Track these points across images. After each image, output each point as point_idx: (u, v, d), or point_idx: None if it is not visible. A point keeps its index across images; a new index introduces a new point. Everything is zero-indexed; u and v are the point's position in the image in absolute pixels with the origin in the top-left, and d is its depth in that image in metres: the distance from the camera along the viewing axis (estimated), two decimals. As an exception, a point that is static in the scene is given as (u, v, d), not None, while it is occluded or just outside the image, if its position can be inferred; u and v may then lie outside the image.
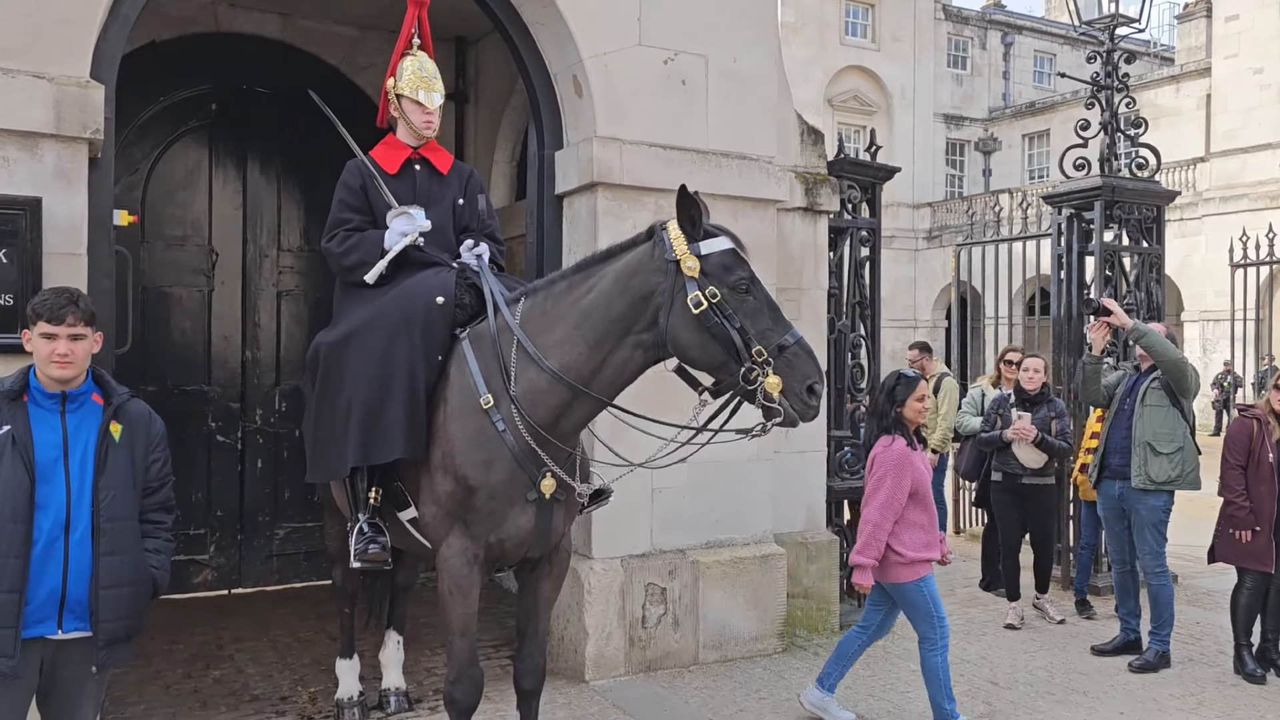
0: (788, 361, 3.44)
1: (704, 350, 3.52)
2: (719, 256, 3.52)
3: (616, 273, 3.69)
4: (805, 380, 3.44)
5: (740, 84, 5.98)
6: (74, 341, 3.15)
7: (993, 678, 5.78)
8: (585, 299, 3.72)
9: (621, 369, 3.71)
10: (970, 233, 10.42)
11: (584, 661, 5.49)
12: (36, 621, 3.07)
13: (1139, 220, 8.21)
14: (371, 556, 3.96)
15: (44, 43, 4.27)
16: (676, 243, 3.54)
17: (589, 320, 3.68)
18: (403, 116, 4.49)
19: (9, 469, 3.06)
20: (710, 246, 3.53)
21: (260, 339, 7.42)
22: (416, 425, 3.85)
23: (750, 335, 3.45)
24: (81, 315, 3.18)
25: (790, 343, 3.46)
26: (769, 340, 3.45)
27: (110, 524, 3.15)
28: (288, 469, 7.38)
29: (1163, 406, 5.97)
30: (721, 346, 3.48)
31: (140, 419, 3.33)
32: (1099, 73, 8.39)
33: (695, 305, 3.47)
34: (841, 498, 6.82)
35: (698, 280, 3.49)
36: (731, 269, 3.51)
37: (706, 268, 3.50)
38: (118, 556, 3.15)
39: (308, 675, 5.53)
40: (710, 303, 3.47)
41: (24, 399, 3.16)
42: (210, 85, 7.21)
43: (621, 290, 3.65)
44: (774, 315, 3.52)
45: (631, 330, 3.64)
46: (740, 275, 3.51)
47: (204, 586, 7.19)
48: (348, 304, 4.35)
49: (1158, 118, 26.17)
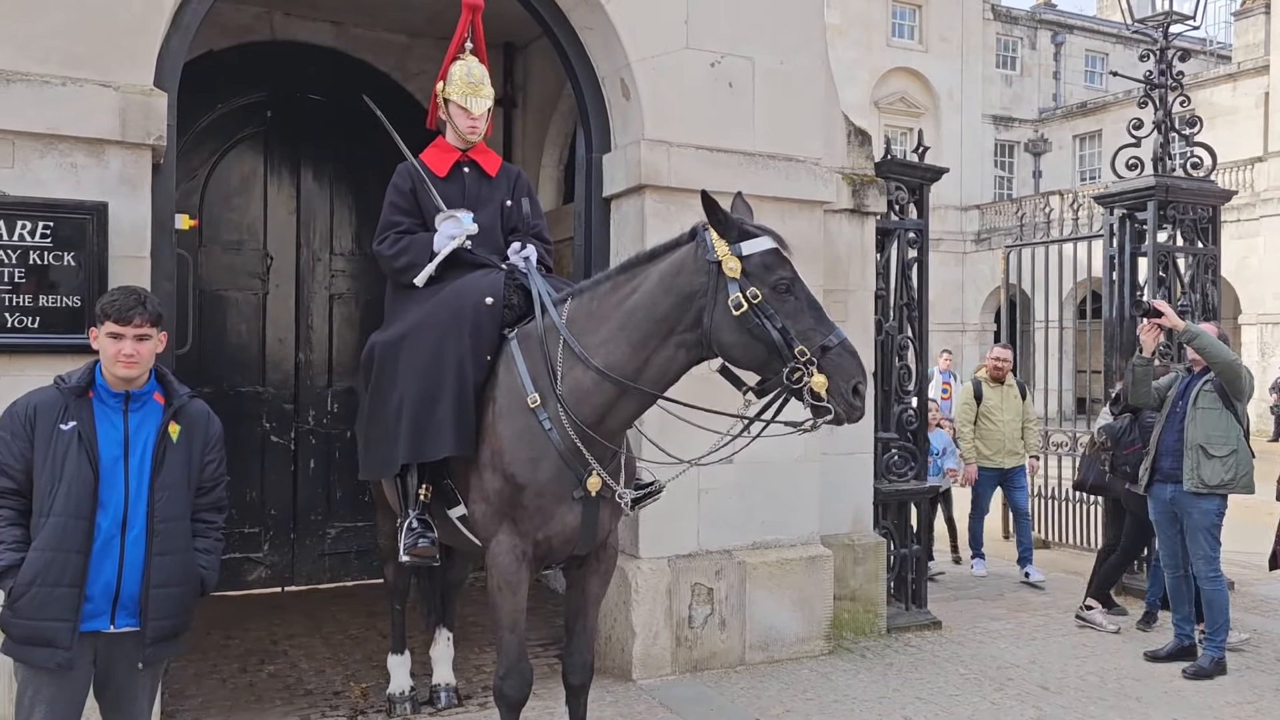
0: (832, 361, 3.42)
1: (747, 350, 3.53)
2: (760, 256, 3.52)
3: (660, 273, 3.72)
4: (850, 380, 3.42)
5: (787, 86, 5.99)
6: (140, 342, 3.19)
7: (1043, 682, 5.73)
8: (630, 299, 3.76)
9: (665, 368, 3.73)
10: (1020, 234, 10.31)
11: (631, 660, 5.53)
12: (91, 616, 3.11)
13: (1194, 220, 8.08)
14: (420, 551, 4.03)
15: (109, 52, 4.41)
16: (718, 243, 3.55)
17: (633, 320, 3.72)
18: (450, 120, 4.56)
19: (74, 465, 3.10)
20: (752, 247, 3.54)
21: (313, 341, 7.55)
22: (465, 423, 3.92)
23: (792, 335, 3.44)
24: (149, 316, 3.21)
25: (834, 343, 3.44)
26: (812, 340, 3.44)
27: (164, 524, 3.19)
28: (340, 469, 7.50)
29: (1215, 409, 5.88)
30: (764, 346, 3.48)
31: (199, 419, 3.36)
32: (1152, 71, 8.28)
33: (736, 306, 3.48)
34: (889, 500, 6.79)
35: (739, 281, 3.49)
36: (773, 269, 3.51)
37: (748, 268, 3.51)
38: (170, 556, 3.19)
39: (359, 671, 5.62)
40: (751, 303, 3.47)
41: (89, 395, 3.20)
42: (265, 93, 7.37)
43: (665, 290, 3.68)
44: (816, 315, 3.51)
45: (675, 330, 3.67)
46: (781, 275, 3.50)
47: (258, 584, 7.34)
48: (399, 305, 4.43)
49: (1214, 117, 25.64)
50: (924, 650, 6.29)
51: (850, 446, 6.33)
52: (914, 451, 6.88)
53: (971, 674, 5.85)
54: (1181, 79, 8.34)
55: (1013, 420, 8.40)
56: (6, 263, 4.18)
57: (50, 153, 4.29)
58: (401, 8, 7.29)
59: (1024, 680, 5.76)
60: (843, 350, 3.45)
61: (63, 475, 3.09)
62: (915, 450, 6.89)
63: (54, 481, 3.09)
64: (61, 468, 3.10)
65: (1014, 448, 8.43)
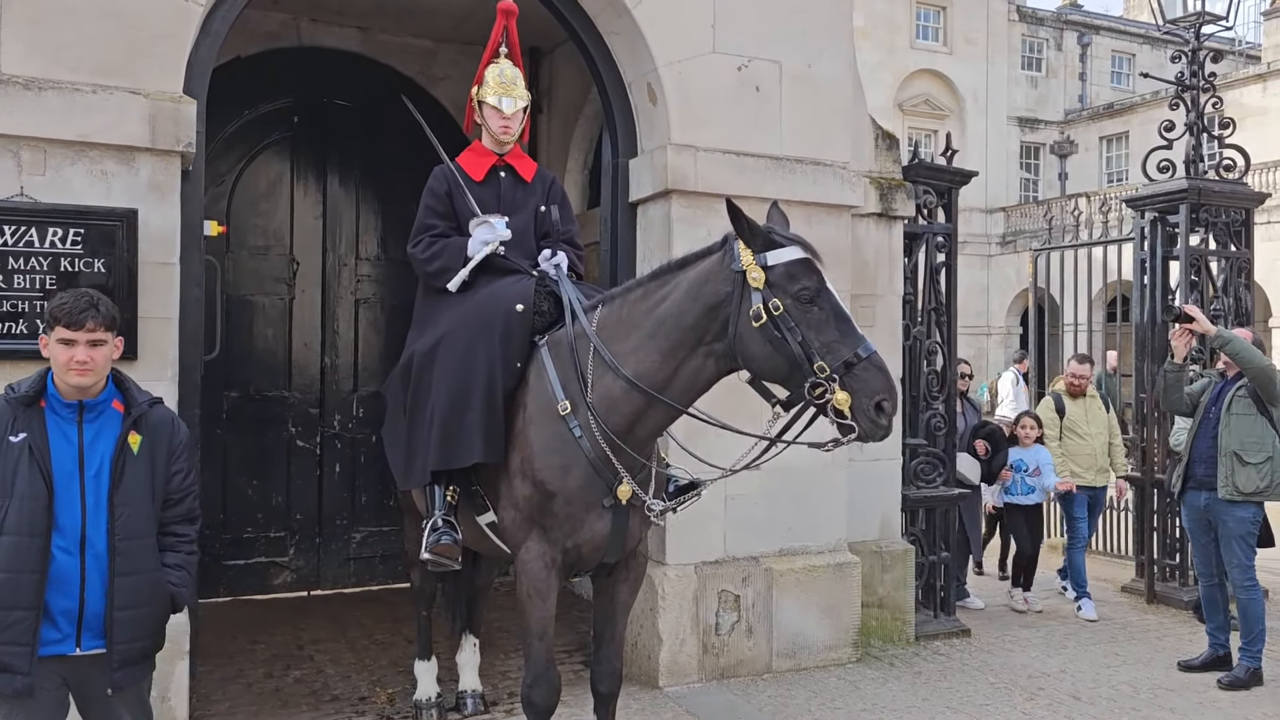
0: (856, 376, 3.32)
1: (769, 362, 3.48)
2: (786, 266, 3.44)
3: (690, 281, 3.68)
4: (874, 397, 3.31)
5: (814, 89, 5.95)
6: (93, 348, 2.98)
7: (1074, 692, 5.65)
8: (659, 308, 3.73)
9: (695, 378, 3.70)
10: (1048, 237, 10.21)
11: (658, 667, 5.49)
12: (54, 640, 2.95)
13: (1226, 223, 7.98)
14: (441, 549, 3.98)
15: (139, 60, 4.43)
16: (744, 252, 3.49)
17: (662, 329, 3.69)
18: (484, 122, 4.56)
19: (26, 480, 2.91)
20: (778, 256, 3.46)
21: (339, 346, 7.57)
22: (495, 430, 3.90)
23: (813, 349, 3.35)
24: (102, 320, 3.00)
25: (860, 358, 3.33)
26: (836, 354, 3.34)
27: (126, 542, 2.99)
28: (365, 473, 7.52)
29: (1250, 415, 5.79)
30: (785, 359, 3.41)
31: (162, 427, 3.15)
32: (1184, 72, 8.18)
33: (756, 318, 3.42)
34: (917, 506, 6.73)
35: (762, 291, 3.43)
36: (797, 278, 3.42)
37: (772, 278, 3.43)
38: (134, 577, 3.00)
39: (385, 676, 5.62)
40: (772, 315, 3.40)
41: (40, 405, 3.00)
42: (292, 98, 7.39)
43: (693, 299, 3.64)
44: (842, 327, 3.40)
45: (704, 340, 3.63)
46: (804, 285, 3.41)
47: (283, 588, 7.36)
48: (431, 309, 4.42)
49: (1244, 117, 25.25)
50: (953, 658, 6.23)
51: (878, 452, 6.27)
52: (942, 457, 6.82)
53: (1002, 683, 5.78)
54: (1214, 80, 8.23)
55: (1099, 434, 7.81)
56: (38, 269, 4.21)
57: (81, 160, 4.31)
58: (428, 13, 7.30)
59: (1055, 689, 5.69)
60: (869, 365, 3.34)
61: (13, 491, 2.91)
62: (943, 456, 6.83)
63: (4, 498, 2.91)
64: (12, 483, 2.91)
65: (1103, 464, 7.84)
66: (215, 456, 6.91)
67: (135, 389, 3.16)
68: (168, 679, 4.38)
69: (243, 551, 7.22)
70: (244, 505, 7.22)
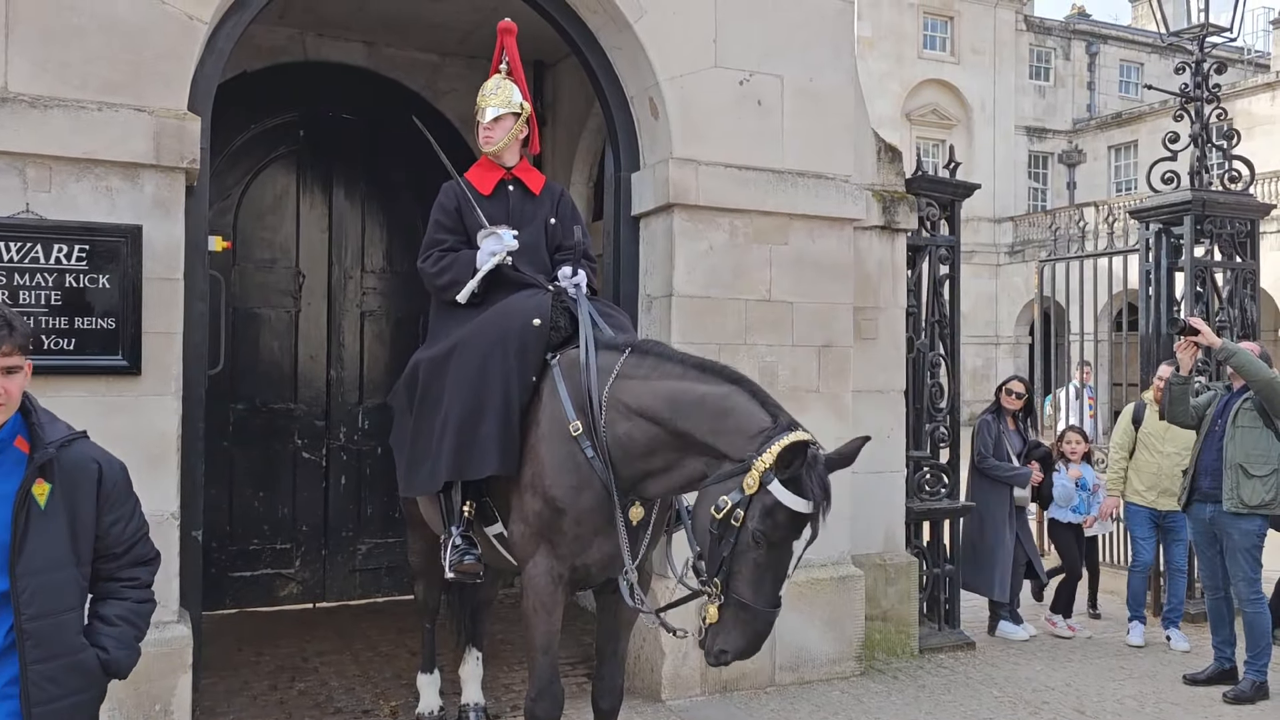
0: (734, 616, 3.27)
1: (700, 533, 3.42)
2: (776, 503, 3.22)
3: (721, 407, 3.52)
4: (724, 645, 3.29)
5: (816, 103, 5.97)
6: (8, 376, 2.40)
7: (1079, 706, 5.63)
8: (684, 397, 3.60)
9: (686, 481, 3.65)
10: (1054, 248, 10.20)
11: (660, 680, 5.49)
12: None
13: (1232, 235, 7.97)
14: (466, 567, 4.02)
15: (144, 77, 4.47)
16: (765, 459, 3.26)
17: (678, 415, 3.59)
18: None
19: None
20: (779, 491, 3.22)
21: (344, 358, 7.61)
22: (509, 442, 3.91)
23: (724, 571, 3.27)
24: (18, 343, 2.43)
25: (753, 609, 3.25)
26: (739, 590, 3.26)
27: (37, 623, 2.38)
28: (370, 485, 7.55)
29: (1256, 428, 5.78)
30: (709, 556, 3.34)
31: (83, 471, 2.50)
32: (1188, 84, 8.18)
33: (717, 508, 3.30)
34: (920, 519, 6.72)
35: (743, 497, 3.26)
36: (770, 517, 3.23)
37: (757, 497, 3.24)
38: (53, 664, 2.41)
39: (389, 689, 5.63)
40: (728, 518, 3.26)
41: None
42: (298, 113, 7.44)
43: (709, 433, 3.50)
44: (765, 578, 3.26)
45: (702, 456, 3.54)
46: (762, 530, 3.22)
47: (289, 600, 7.38)
48: (444, 322, 4.44)
49: (1252, 127, 25.31)
50: (957, 671, 6.21)
51: (881, 465, 6.28)
52: (946, 470, 6.82)
53: (1006, 696, 5.76)
54: (1218, 91, 8.23)
55: (1176, 454, 6.69)
56: (44, 285, 4.24)
57: (86, 177, 4.35)
58: (433, 28, 7.35)
59: (1060, 703, 5.67)
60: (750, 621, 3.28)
61: None
62: (947, 468, 6.82)
63: None
64: None
65: (1172, 487, 6.66)
66: (222, 469, 6.95)
67: (46, 421, 2.49)
68: (170, 693, 4.40)
69: (249, 563, 7.24)
70: (250, 517, 7.25)
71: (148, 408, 4.43)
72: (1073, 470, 7.38)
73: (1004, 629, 7.06)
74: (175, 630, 4.50)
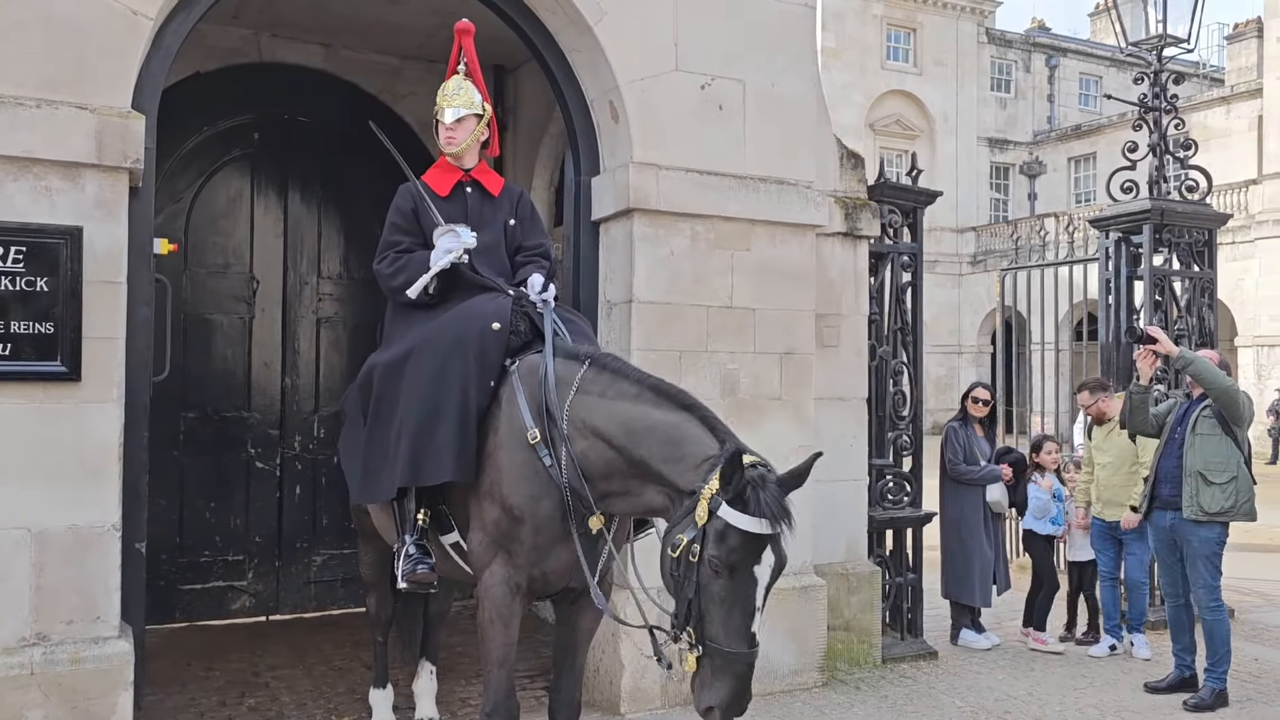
0: (714, 665, 3.13)
1: (665, 574, 3.33)
2: (726, 529, 3.12)
3: (674, 435, 3.45)
4: (707, 700, 3.13)
5: (778, 108, 5.93)
6: None
7: (1041, 715, 5.61)
8: (639, 424, 3.52)
9: (646, 507, 3.58)
10: (1015, 257, 10.26)
11: (619, 694, 5.40)
12: None
13: (1190, 244, 8.04)
14: (419, 577, 3.90)
15: (86, 74, 4.33)
16: (709, 485, 3.19)
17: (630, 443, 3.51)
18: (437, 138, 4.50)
19: None
20: (730, 515, 3.13)
21: (299, 366, 7.45)
22: (466, 448, 3.81)
23: (693, 614, 3.17)
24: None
25: (730, 655, 3.11)
26: (712, 635, 3.14)
27: None
28: (326, 495, 7.39)
29: (1215, 435, 5.79)
30: (676, 596, 3.26)
31: None
32: (1147, 94, 8.25)
33: (674, 547, 3.23)
34: (883, 527, 6.68)
35: (697, 529, 3.17)
36: (724, 541, 3.12)
37: (709, 527, 3.15)
38: None
39: (343, 704, 5.49)
40: (686, 555, 3.18)
41: None
42: (253, 115, 7.29)
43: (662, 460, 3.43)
44: (733, 615, 3.13)
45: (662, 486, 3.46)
46: (719, 556, 3.12)
47: (241, 612, 7.20)
48: (400, 325, 4.34)
49: (1208, 139, 25.76)
50: (920, 681, 6.17)
51: (844, 474, 6.23)
52: (909, 478, 6.79)
53: (969, 706, 5.73)
54: (1176, 102, 8.31)
55: (1113, 464, 6.89)
56: (-22, 288, 4.09)
57: (24, 176, 4.20)
58: (392, 30, 7.24)
59: (1021, 713, 5.64)
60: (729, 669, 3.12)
61: None
62: (909, 477, 6.79)
63: None
64: None
65: (1115, 497, 6.83)
66: (172, 478, 6.78)
67: None
68: (110, 711, 4.24)
69: (199, 575, 7.06)
70: (201, 528, 7.06)
71: (88, 416, 4.28)
72: (1045, 481, 7.26)
73: (966, 638, 7.04)
74: (116, 646, 4.33)
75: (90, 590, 4.29)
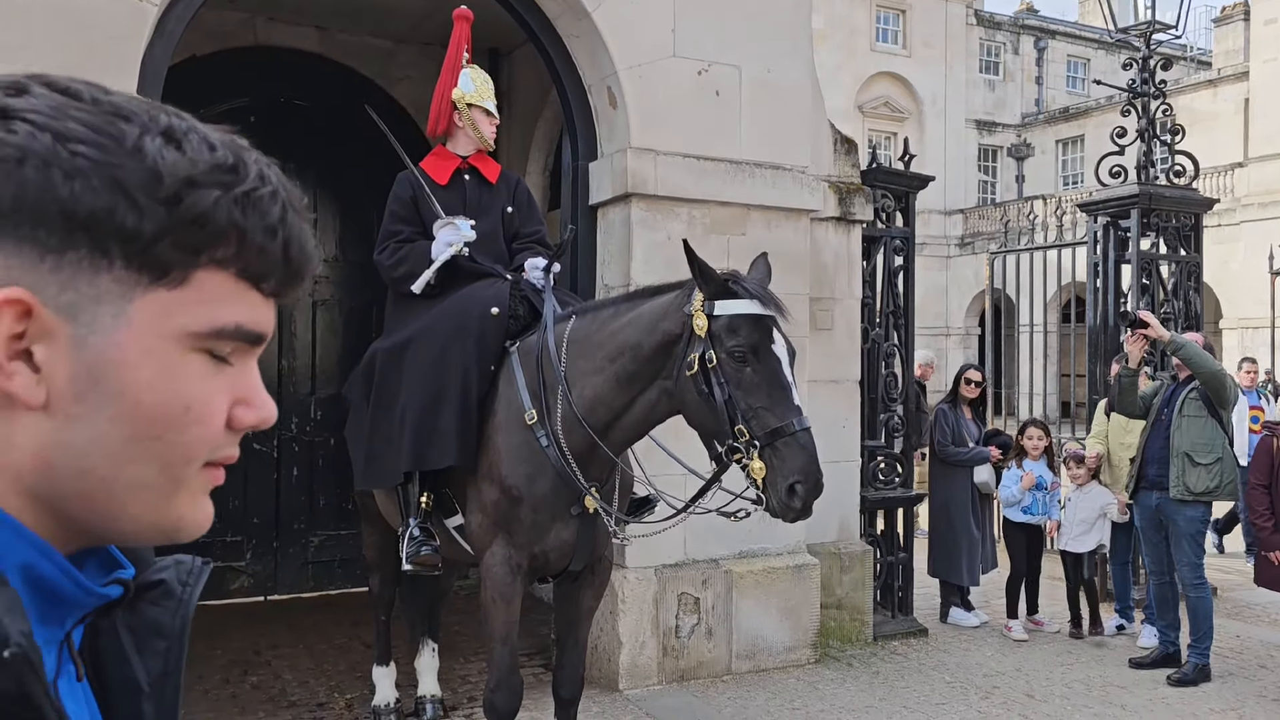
0: (778, 451, 3.17)
1: (698, 414, 3.40)
2: (730, 319, 3.28)
3: (652, 313, 3.58)
4: (790, 477, 3.16)
5: (774, 94, 5.99)
6: None
7: (1029, 690, 5.74)
8: (622, 333, 3.65)
9: (650, 410, 3.63)
10: (1004, 240, 10.35)
11: (618, 670, 5.50)
12: None
13: (1177, 228, 8.14)
14: (423, 560, 3.98)
15: (92, 60, 4.35)
16: (697, 296, 3.37)
17: (622, 357, 3.62)
18: (470, 126, 4.52)
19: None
20: (726, 307, 3.29)
21: (296, 348, 7.51)
22: (468, 433, 3.89)
23: (739, 410, 3.22)
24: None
25: (788, 430, 3.17)
26: (762, 421, 3.19)
27: None
28: (323, 477, 7.46)
29: (1201, 417, 5.91)
30: (711, 415, 3.32)
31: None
32: (1135, 79, 8.33)
33: (689, 367, 3.34)
34: (875, 507, 6.80)
35: (702, 340, 3.30)
36: (736, 332, 3.26)
37: (714, 328, 3.28)
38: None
39: (344, 682, 5.58)
40: (705, 366, 3.28)
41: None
42: (249, 98, 7.31)
43: (650, 332, 3.55)
44: (775, 394, 3.22)
45: (659, 375, 3.54)
46: (738, 342, 3.24)
47: (240, 593, 7.28)
48: (401, 313, 4.39)
49: (1194, 123, 25.80)
50: (910, 658, 6.30)
51: (837, 455, 6.31)
52: (900, 459, 6.89)
53: (958, 682, 5.85)
54: (1164, 87, 8.39)
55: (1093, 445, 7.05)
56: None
57: (30, 161, 4.23)
58: (386, 12, 7.26)
59: (1010, 688, 5.77)
60: (793, 442, 3.17)
61: None
62: (901, 458, 6.90)
63: None
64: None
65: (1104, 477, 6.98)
66: (170, 460, 6.82)
67: None
68: (121, 688, 4.31)
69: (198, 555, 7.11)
70: (199, 509, 7.12)
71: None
72: (1026, 479, 6.98)
73: (955, 616, 7.17)
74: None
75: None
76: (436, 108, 4.59)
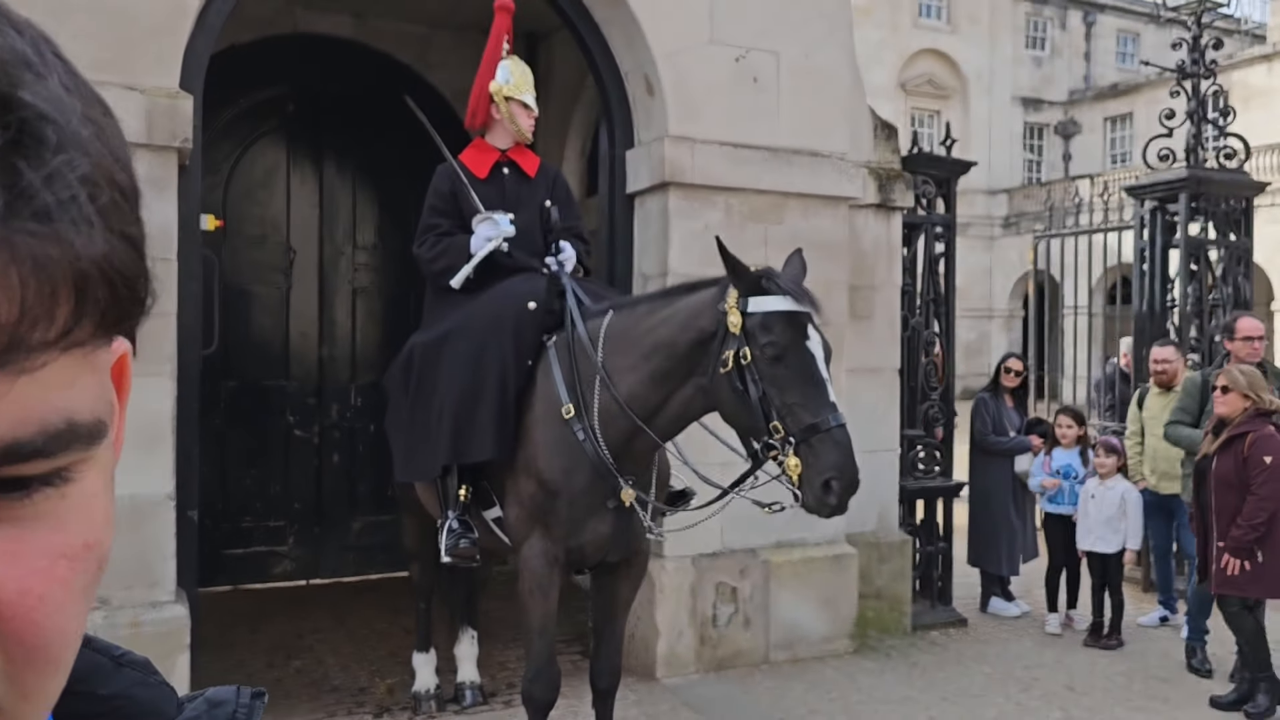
0: (812, 448, 3.20)
1: (734, 411, 3.43)
2: (763, 316, 3.31)
3: (687, 310, 3.60)
4: (824, 474, 3.19)
5: (812, 80, 5.92)
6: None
7: (1069, 683, 5.68)
8: (658, 330, 3.67)
9: (685, 408, 3.65)
10: (1049, 223, 10.18)
11: (655, 659, 5.52)
12: None
13: (1226, 212, 7.96)
14: (461, 552, 4.02)
15: (134, 55, 4.40)
16: (731, 293, 3.40)
17: (657, 353, 3.64)
18: (508, 118, 4.52)
19: None
20: (760, 304, 3.32)
21: (336, 336, 7.58)
22: (505, 427, 3.92)
23: (773, 407, 3.25)
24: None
25: (823, 426, 3.20)
26: (797, 417, 3.22)
27: None
28: (363, 463, 7.54)
29: None
30: (746, 412, 3.34)
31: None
32: (1185, 60, 8.13)
33: (723, 365, 3.36)
34: (914, 497, 6.75)
35: (736, 337, 3.33)
36: (769, 329, 3.28)
37: (748, 325, 3.31)
38: None
39: (384, 667, 5.65)
40: (739, 364, 3.30)
41: None
42: (287, 86, 7.36)
43: (684, 329, 3.57)
44: (808, 390, 3.25)
45: (694, 372, 3.56)
46: (770, 340, 3.27)
47: (283, 577, 7.39)
48: (439, 307, 4.42)
49: (1248, 98, 25.21)
50: (949, 649, 6.26)
51: (876, 444, 6.27)
52: (939, 448, 6.83)
53: (997, 674, 5.81)
54: (1215, 67, 8.18)
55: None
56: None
57: (75, 156, 4.29)
58: (422, -1, 7.26)
59: (1050, 680, 5.71)
60: (828, 439, 3.20)
61: None
62: (941, 447, 6.84)
63: None
64: None
65: (1170, 470, 6.46)
66: (213, 446, 6.93)
67: None
68: (169, 673, 4.33)
69: (242, 541, 7.25)
70: (242, 494, 7.24)
71: (142, 390, 4.35)
72: (1047, 481, 6.80)
73: (995, 606, 7.11)
74: (173, 610, 4.51)
75: (148, 556, 4.45)
76: (475, 100, 4.58)
